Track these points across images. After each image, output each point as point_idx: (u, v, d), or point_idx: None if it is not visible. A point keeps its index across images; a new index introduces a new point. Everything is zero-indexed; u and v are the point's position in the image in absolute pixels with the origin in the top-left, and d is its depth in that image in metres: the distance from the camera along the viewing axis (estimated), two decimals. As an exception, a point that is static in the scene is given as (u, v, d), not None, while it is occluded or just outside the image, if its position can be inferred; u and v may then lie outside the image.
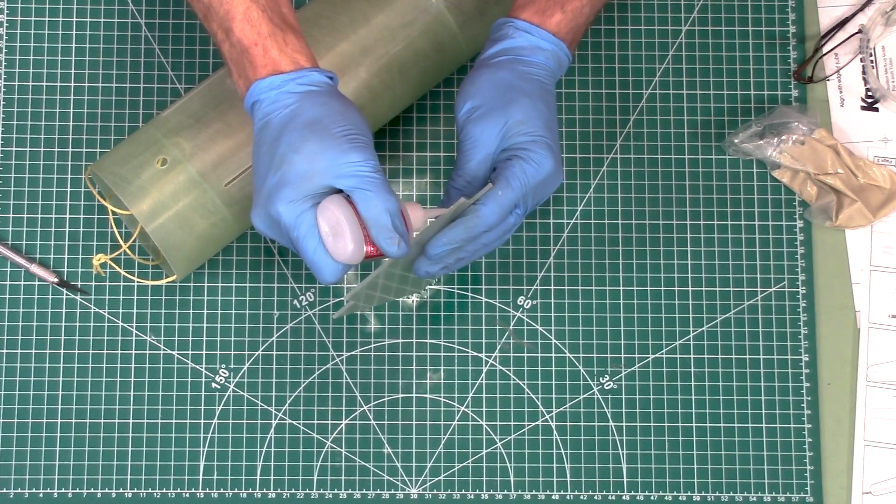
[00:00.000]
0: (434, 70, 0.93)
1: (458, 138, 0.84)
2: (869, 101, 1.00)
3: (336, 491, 0.94)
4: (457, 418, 0.95)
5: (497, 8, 0.92)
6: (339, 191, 0.76)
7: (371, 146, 0.76)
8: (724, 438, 0.95)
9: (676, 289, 0.97)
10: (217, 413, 0.95)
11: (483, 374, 0.96)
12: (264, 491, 0.94)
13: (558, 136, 0.84)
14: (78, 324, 0.96)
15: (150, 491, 0.94)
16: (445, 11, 0.91)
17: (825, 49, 1.00)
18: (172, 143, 0.87)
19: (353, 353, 0.96)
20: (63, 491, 0.94)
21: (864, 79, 1.00)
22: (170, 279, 0.93)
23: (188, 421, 0.95)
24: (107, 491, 0.94)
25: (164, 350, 0.96)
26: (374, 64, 0.90)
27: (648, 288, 0.97)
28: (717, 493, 0.94)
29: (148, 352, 0.96)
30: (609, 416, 0.95)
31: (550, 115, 0.83)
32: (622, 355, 0.96)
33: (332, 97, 0.78)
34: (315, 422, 0.95)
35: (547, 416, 0.95)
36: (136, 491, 0.94)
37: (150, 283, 0.95)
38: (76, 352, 0.95)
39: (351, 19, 0.90)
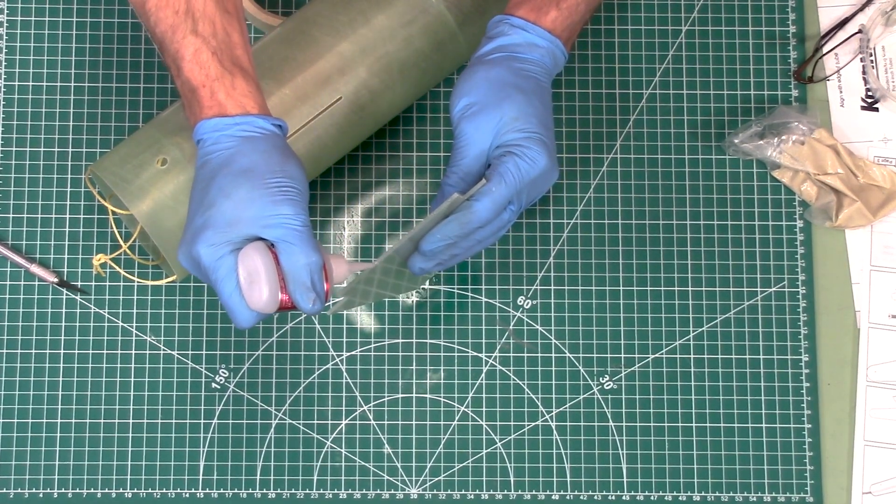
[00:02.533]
0: (434, 70, 0.93)
1: (453, 135, 0.84)
2: (869, 101, 1.00)
3: (336, 491, 0.94)
4: (457, 418, 0.95)
5: (497, 7, 0.92)
6: (264, 240, 0.75)
7: (305, 200, 0.76)
8: (724, 438, 0.95)
9: (676, 289, 0.97)
10: (217, 413, 0.95)
11: (483, 374, 0.96)
12: (264, 491, 0.94)
13: (554, 132, 0.84)
14: (78, 324, 0.96)
15: (150, 491, 0.94)
16: (445, 11, 0.91)
17: (825, 49, 0.99)
18: (172, 144, 0.87)
19: (353, 353, 0.96)
20: (63, 491, 0.94)
21: (864, 79, 1.00)
22: (170, 279, 0.93)
23: (188, 421, 0.95)
24: (107, 491, 0.94)
25: (164, 350, 0.96)
26: (374, 63, 0.90)
27: (648, 288, 0.97)
28: (717, 493, 0.94)
29: (148, 352, 0.96)
30: (609, 416, 0.95)
31: (545, 112, 0.83)
32: (622, 355, 0.96)
33: (273, 146, 0.77)
34: (315, 422, 0.95)
35: (547, 416, 0.95)
36: (136, 491, 0.94)
37: (150, 283, 0.95)
38: (76, 352, 0.95)
39: (350, 19, 0.90)
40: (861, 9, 1.00)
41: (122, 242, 0.92)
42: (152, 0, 0.78)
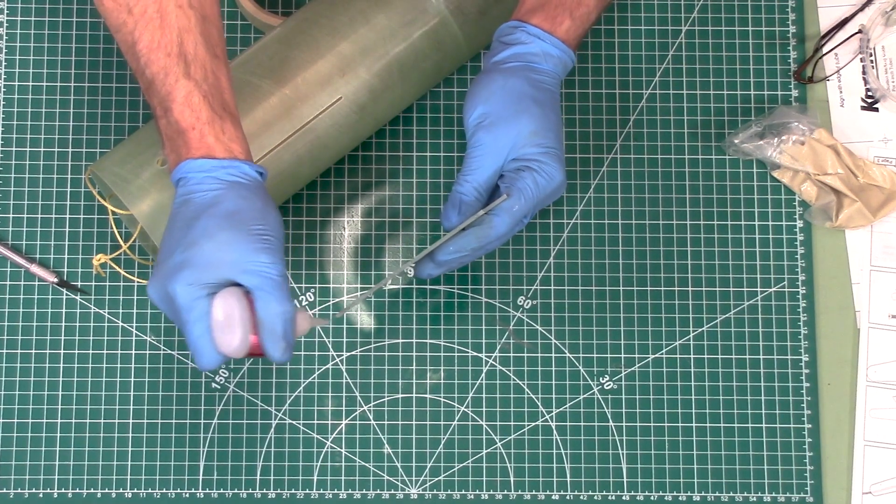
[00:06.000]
0: (434, 70, 0.93)
1: (468, 142, 0.84)
2: (869, 101, 1.00)
3: (336, 491, 0.94)
4: (457, 418, 0.95)
5: (497, 7, 0.92)
6: (239, 285, 0.75)
7: (281, 251, 0.76)
8: (724, 438, 0.95)
9: (676, 289, 0.97)
10: (217, 413, 0.95)
11: (483, 374, 0.96)
12: (264, 491, 0.94)
13: (564, 143, 0.85)
14: (78, 324, 0.96)
15: (150, 491, 0.94)
16: (446, 11, 0.91)
17: (825, 49, 0.99)
18: None
19: (353, 353, 0.96)
20: (63, 491, 0.94)
21: (864, 79, 1.00)
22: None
23: (188, 421, 0.95)
24: (107, 491, 0.94)
25: (164, 350, 0.96)
26: (375, 64, 0.90)
27: (648, 288, 0.97)
28: (717, 493, 0.94)
29: (148, 352, 0.96)
30: (609, 416, 0.95)
31: (560, 125, 0.85)
32: (622, 355, 0.96)
33: (255, 194, 0.77)
34: (315, 422, 0.95)
35: (547, 416, 0.95)
36: (136, 491, 0.94)
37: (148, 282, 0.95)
38: (76, 352, 0.95)
39: (351, 19, 0.90)
40: (861, 9, 1.00)
41: (122, 243, 0.92)
42: (144, 42, 0.77)
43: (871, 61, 1.00)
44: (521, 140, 0.83)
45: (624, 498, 0.95)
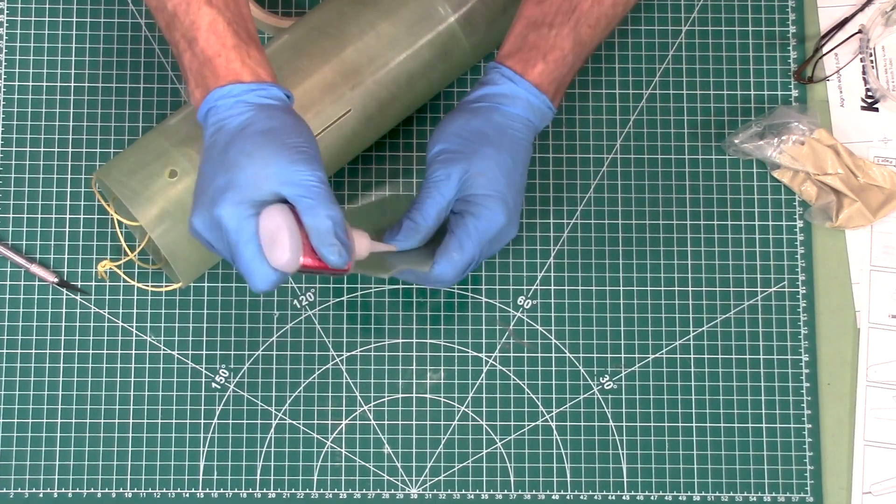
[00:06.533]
0: (440, 79, 0.93)
1: (425, 173, 0.85)
2: (869, 101, 1.00)
3: (336, 491, 0.94)
4: (457, 418, 0.95)
5: (504, 18, 0.91)
6: (285, 201, 0.76)
7: (319, 160, 0.77)
8: (724, 438, 0.95)
9: (676, 289, 0.97)
10: (217, 413, 0.95)
11: (483, 374, 0.96)
12: (264, 491, 0.94)
13: (521, 190, 0.85)
14: (78, 324, 0.96)
15: (150, 491, 0.94)
16: (454, 22, 0.91)
17: (825, 49, 1.00)
18: (181, 154, 0.87)
19: (353, 353, 0.96)
20: (63, 491, 0.94)
21: (864, 79, 1.00)
22: (174, 286, 0.93)
23: (188, 421, 0.95)
24: (107, 491, 0.94)
25: (164, 350, 0.96)
26: (381, 73, 0.90)
27: (648, 288, 0.97)
28: (717, 493, 0.94)
29: (148, 352, 0.96)
30: (609, 416, 0.95)
31: (514, 169, 0.84)
32: (622, 355, 0.96)
33: (286, 112, 0.78)
34: (315, 422, 0.95)
35: (547, 416, 0.95)
36: (136, 491, 0.94)
37: (151, 287, 0.95)
38: (76, 352, 0.95)
39: (360, 29, 0.89)
40: (861, 9, 1.00)
41: (128, 251, 0.92)
42: None
43: (871, 61, 1.00)
44: (469, 180, 0.83)
45: (624, 498, 0.95)
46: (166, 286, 0.95)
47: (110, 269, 0.95)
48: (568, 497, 0.95)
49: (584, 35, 0.85)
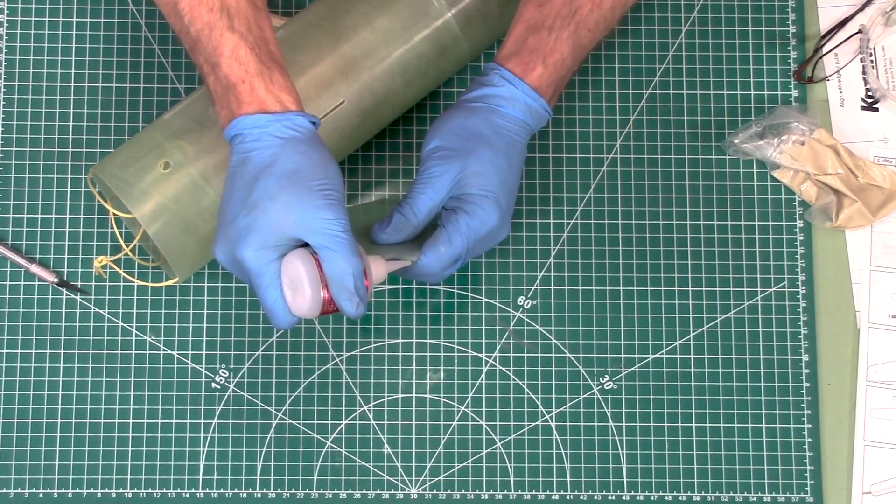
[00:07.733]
0: (436, 73, 0.93)
1: (419, 169, 0.85)
2: (869, 101, 1.00)
3: (336, 491, 0.94)
4: (457, 418, 0.95)
5: (499, 11, 0.92)
6: (306, 244, 0.77)
7: (343, 203, 0.77)
8: (724, 438, 0.95)
9: (676, 289, 0.97)
10: (217, 413, 0.95)
11: (483, 374, 0.96)
12: (264, 491, 0.94)
13: (514, 191, 0.85)
14: (78, 324, 0.96)
15: (150, 491, 0.94)
16: (448, 15, 0.91)
17: (825, 49, 1.00)
18: (175, 147, 0.87)
19: (353, 353, 0.96)
20: (63, 491, 0.94)
21: (864, 79, 1.00)
22: (171, 282, 0.93)
23: (188, 421, 0.95)
24: (107, 491, 0.94)
25: (164, 350, 0.96)
26: (377, 67, 0.90)
27: (648, 288, 0.97)
28: (717, 493, 0.94)
29: (148, 352, 0.96)
30: (609, 416, 0.95)
31: (509, 171, 0.84)
32: (622, 355, 0.96)
33: (313, 147, 0.78)
34: (315, 422, 0.95)
35: (547, 416, 0.95)
36: (136, 491, 0.94)
37: (150, 284, 0.95)
38: (76, 352, 0.95)
39: (354, 23, 0.90)
40: (861, 9, 1.00)
41: (124, 246, 0.92)
42: (185, 0, 0.78)
43: (871, 61, 1.00)
44: (464, 178, 0.83)
45: (624, 498, 0.95)
46: (164, 283, 0.95)
47: (107, 264, 0.95)
48: (568, 497, 0.95)
49: (583, 39, 0.86)
